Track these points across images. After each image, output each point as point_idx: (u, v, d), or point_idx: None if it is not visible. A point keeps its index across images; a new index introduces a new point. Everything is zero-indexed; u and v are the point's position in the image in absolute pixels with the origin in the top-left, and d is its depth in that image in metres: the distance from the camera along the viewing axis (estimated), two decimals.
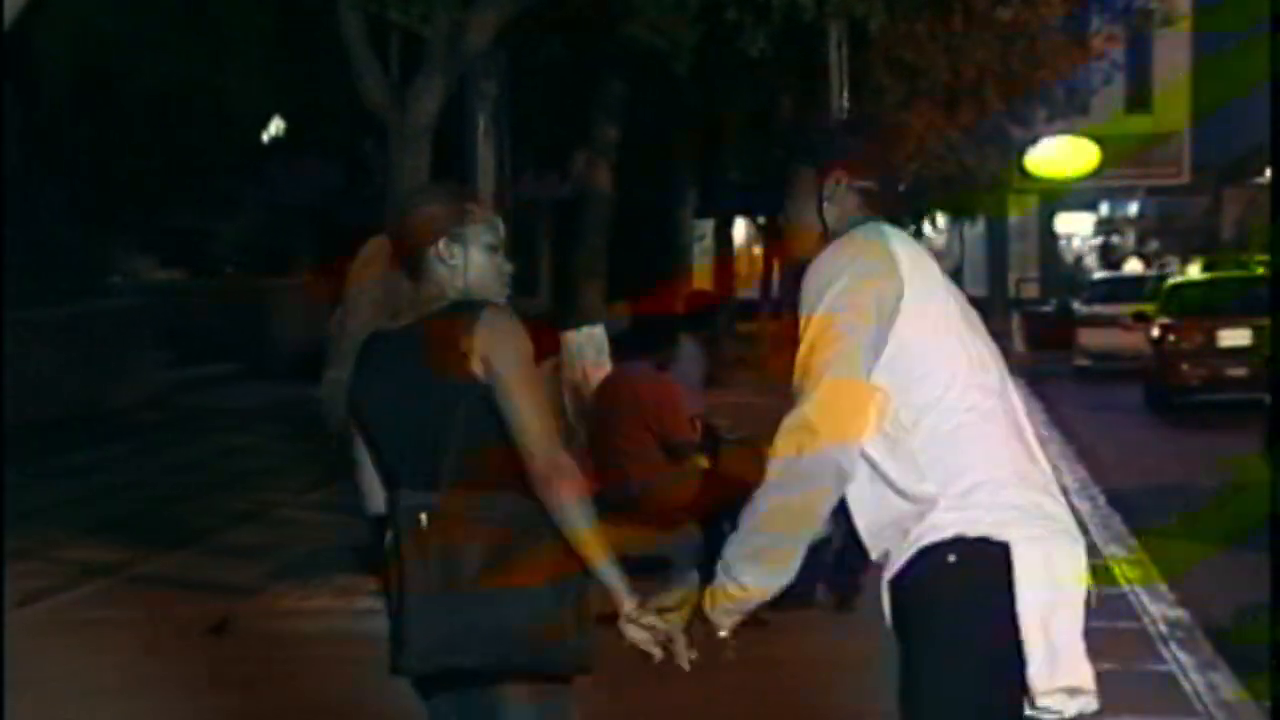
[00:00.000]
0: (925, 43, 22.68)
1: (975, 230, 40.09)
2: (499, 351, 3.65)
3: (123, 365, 20.90)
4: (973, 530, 3.43)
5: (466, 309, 3.71)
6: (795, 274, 3.79)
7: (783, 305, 30.68)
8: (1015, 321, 29.82)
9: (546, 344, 9.12)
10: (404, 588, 3.64)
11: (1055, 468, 4.39)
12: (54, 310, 20.11)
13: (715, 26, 12.05)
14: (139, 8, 16.71)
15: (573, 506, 3.60)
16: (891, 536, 3.53)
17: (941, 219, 39.59)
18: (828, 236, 3.67)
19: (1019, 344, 28.40)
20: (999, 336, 15.82)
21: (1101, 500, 12.59)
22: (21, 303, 19.36)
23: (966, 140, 25.52)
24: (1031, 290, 35.88)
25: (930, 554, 3.44)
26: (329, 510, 12.69)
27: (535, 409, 3.65)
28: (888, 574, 3.57)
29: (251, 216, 30.00)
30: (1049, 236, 41.85)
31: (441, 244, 3.79)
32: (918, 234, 20.16)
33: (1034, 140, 32.80)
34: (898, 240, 3.59)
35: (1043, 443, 3.80)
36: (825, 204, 3.68)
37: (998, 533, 3.43)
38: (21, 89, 22.13)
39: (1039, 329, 28.42)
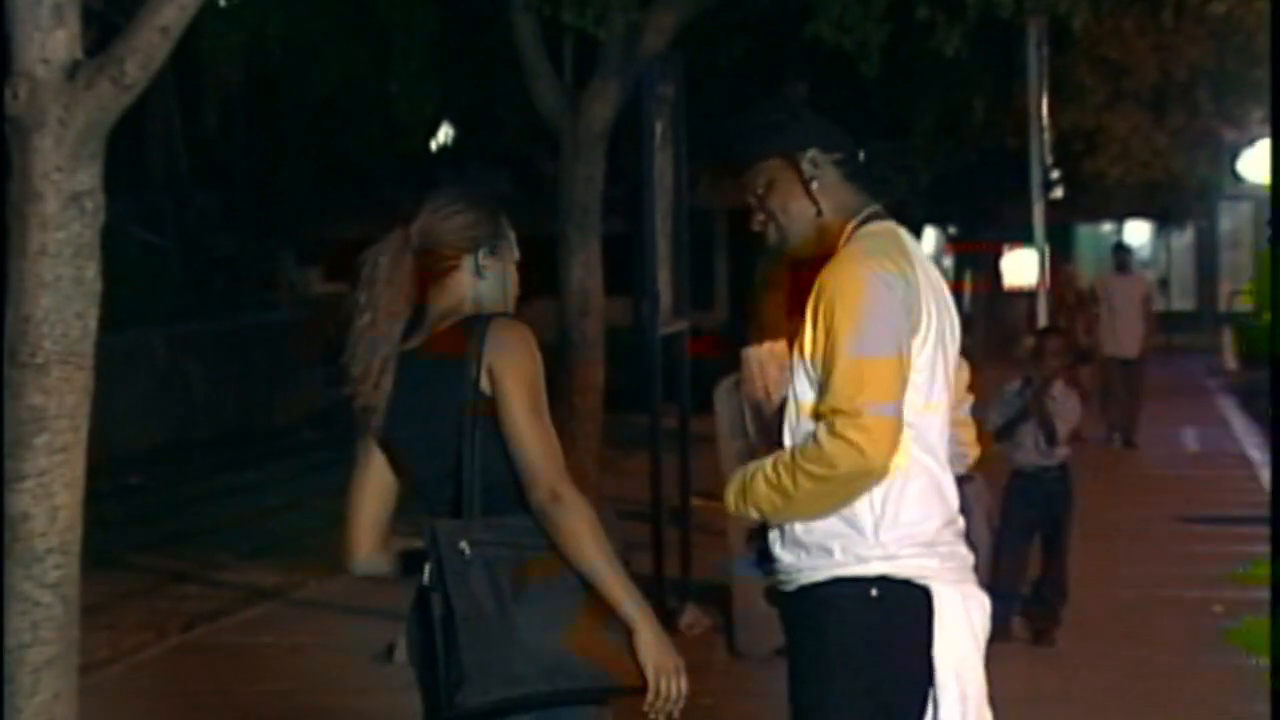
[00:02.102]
0: (1132, 40, 22.42)
1: (1183, 239, 39.43)
2: (502, 364, 3.61)
3: (285, 382, 21.30)
4: (899, 572, 3.69)
5: (478, 321, 3.68)
6: (794, 270, 3.90)
7: (972, 320, 30.45)
8: (1227, 336, 29.24)
9: (726, 360, 9.17)
10: (449, 621, 3.57)
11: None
12: (213, 324, 20.56)
13: (905, 25, 12.02)
14: (302, 13, 17.06)
15: (576, 537, 3.55)
16: (813, 549, 3.73)
17: (1146, 227, 39.06)
18: (821, 214, 3.81)
19: (1231, 360, 27.85)
20: (1209, 352, 15.48)
21: None
22: (179, 316, 19.86)
23: (1175, 143, 25.11)
24: (1247, 302, 35.18)
25: (852, 583, 3.69)
26: None
27: (536, 431, 3.59)
28: (790, 585, 3.77)
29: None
30: (1265, 246, 41.02)
31: (482, 254, 3.76)
32: (1120, 246, 19.84)
33: (1250, 142, 32.16)
34: (919, 258, 3.79)
35: (1256, 468, 3.87)
36: (814, 184, 3.81)
37: (920, 577, 3.70)
38: (184, 98, 22.69)
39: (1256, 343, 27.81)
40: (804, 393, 3.75)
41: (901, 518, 3.70)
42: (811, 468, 3.62)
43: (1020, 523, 8.76)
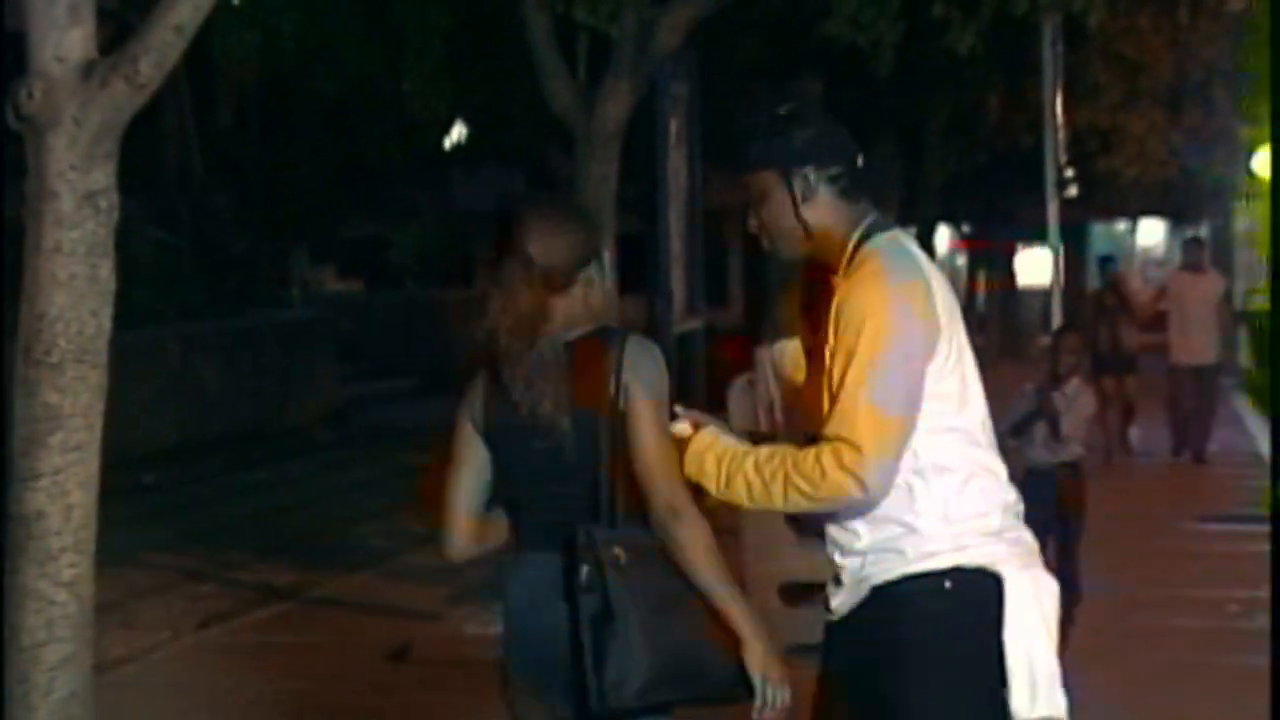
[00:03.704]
0: (1148, 38, 22.39)
1: (1184, 237, 39.38)
2: (638, 381, 3.80)
3: (299, 380, 21.31)
4: (971, 561, 3.78)
5: (612, 334, 3.86)
6: (794, 280, 3.93)
7: (985, 320, 30.43)
8: (1244, 335, 29.19)
9: (740, 359, 9.16)
10: (607, 623, 3.74)
11: None
12: (226, 323, 20.55)
13: (919, 23, 12.01)
14: (316, 12, 17.07)
15: (692, 551, 3.78)
16: (881, 552, 3.81)
17: (1160, 226, 38.99)
18: (810, 237, 3.83)
19: (1247, 359, 27.80)
20: (1225, 350, 14.91)
21: None
22: (192, 315, 19.87)
23: (1191, 142, 25.08)
24: (1259, 302, 35.08)
25: (925, 578, 3.77)
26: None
27: (662, 447, 3.81)
28: (862, 586, 3.83)
29: (431, 225, 30.45)
30: None
31: (594, 268, 3.93)
32: (1194, 241, 18.24)
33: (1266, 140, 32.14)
34: (930, 270, 3.80)
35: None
36: (803, 206, 3.82)
37: (991, 564, 3.79)
38: (198, 97, 22.70)
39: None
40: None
41: (966, 511, 3.79)
42: (807, 488, 3.73)
43: (1033, 521, 8.72)
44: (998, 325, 30.36)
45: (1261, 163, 35.91)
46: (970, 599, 3.77)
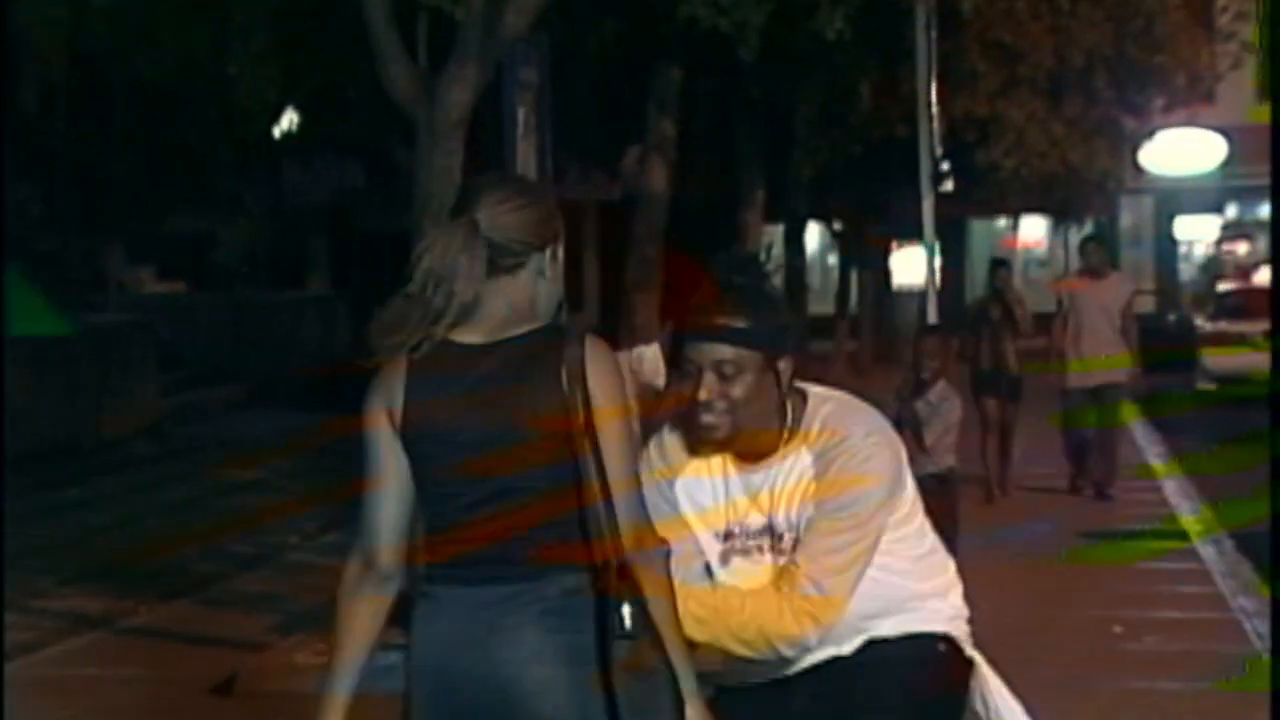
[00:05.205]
0: (1027, 23, 22.72)
1: (1081, 236, 40.00)
2: (603, 391, 3.59)
3: (114, 390, 21.07)
4: (957, 635, 4.15)
5: (560, 333, 3.65)
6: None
7: (859, 322, 30.73)
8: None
9: None
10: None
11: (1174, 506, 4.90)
12: None
13: (786, 5, 12.11)
14: None
15: (664, 593, 3.60)
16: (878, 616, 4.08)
17: (1042, 223, 39.56)
18: (784, 418, 3.99)
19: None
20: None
21: (1229, 545, 12.55)
22: None
23: (1072, 133, 25.47)
24: (1146, 303, 35.78)
25: (920, 639, 4.09)
26: (345, 554, 12.76)
27: (629, 463, 3.62)
28: (846, 641, 4.05)
29: (260, 221, 30.24)
30: (1167, 243, 41.71)
31: (549, 253, 3.73)
32: (1092, 239, 16.74)
33: (1150, 133, 32.68)
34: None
35: (1158, 480, 4.17)
36: (786, 389, 3.99)
37: (965, 646, 4.19)
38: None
39: (1155, 347, 28.31)
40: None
41: (956, 594, 4.19)
42: (780, 640, 3.92)
43: None
44: (872, 328, 30.66)
45: (1148, 155, 36.60)
46: (955, 665, 4.13)
